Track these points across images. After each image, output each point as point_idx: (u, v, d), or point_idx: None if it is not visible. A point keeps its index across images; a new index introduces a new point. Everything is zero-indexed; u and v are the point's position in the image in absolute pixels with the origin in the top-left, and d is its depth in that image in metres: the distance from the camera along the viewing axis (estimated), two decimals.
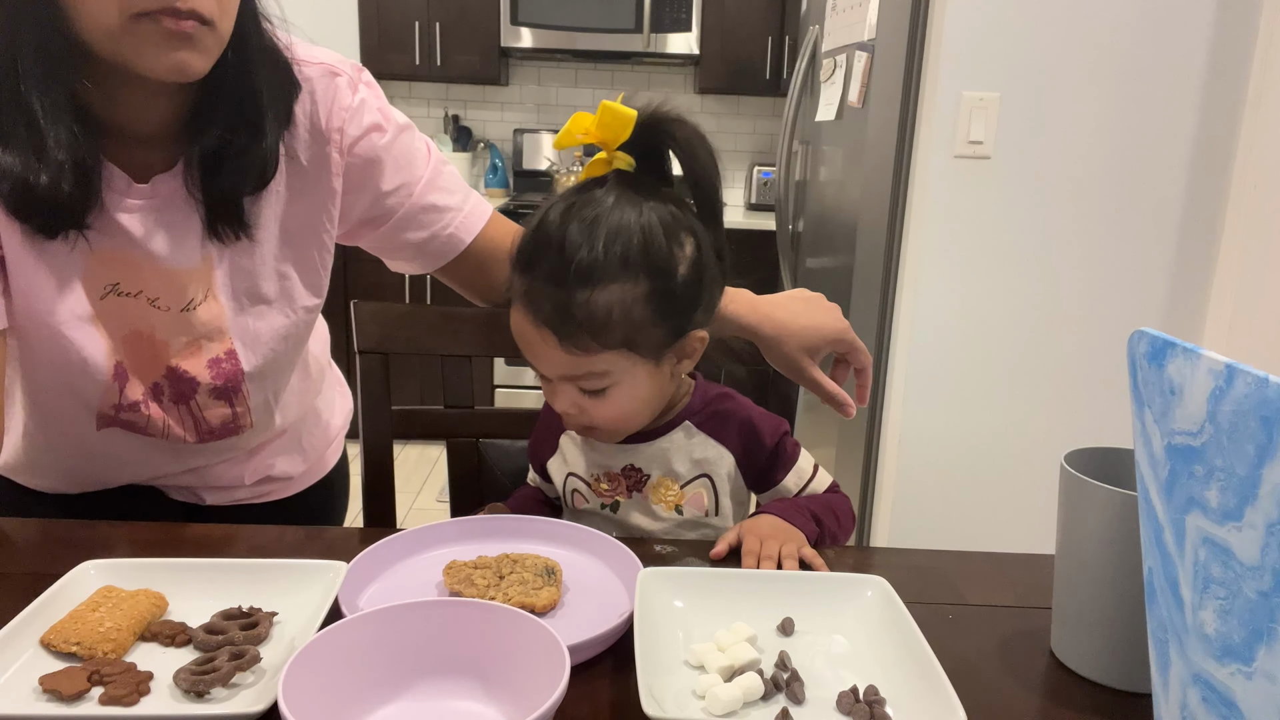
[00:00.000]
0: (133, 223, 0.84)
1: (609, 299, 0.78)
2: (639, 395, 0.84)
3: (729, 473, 0.92)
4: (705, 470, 0.91)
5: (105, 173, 0.82)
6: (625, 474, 0.91)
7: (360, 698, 0.58)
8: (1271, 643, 0.39)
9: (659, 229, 0.79)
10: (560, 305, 0.78)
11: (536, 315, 0.79)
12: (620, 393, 0.83)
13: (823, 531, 0.87)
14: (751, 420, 0.92)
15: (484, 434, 1.12)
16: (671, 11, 3.70)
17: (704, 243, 0.83)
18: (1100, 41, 1.83)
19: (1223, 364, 0.40)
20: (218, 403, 0.94)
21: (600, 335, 0.78)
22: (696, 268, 0.82)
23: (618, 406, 0.84)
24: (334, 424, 1.16)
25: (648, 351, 0.82)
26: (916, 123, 1.93)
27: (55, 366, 0.87)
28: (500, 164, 4.17)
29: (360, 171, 0.93)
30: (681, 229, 0.82)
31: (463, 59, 3.80)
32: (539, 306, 0.79)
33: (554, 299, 0.78)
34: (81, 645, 0.63)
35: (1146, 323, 1.91)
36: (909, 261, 1.97)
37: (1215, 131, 1.88)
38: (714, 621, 0.70)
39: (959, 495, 2.06)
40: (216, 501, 1.05)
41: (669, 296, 0.80)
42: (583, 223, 0.78)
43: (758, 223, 3.67)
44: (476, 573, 0.74)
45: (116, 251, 0.85)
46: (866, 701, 0.60)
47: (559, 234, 0.78)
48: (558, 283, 0.78)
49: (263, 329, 0.93)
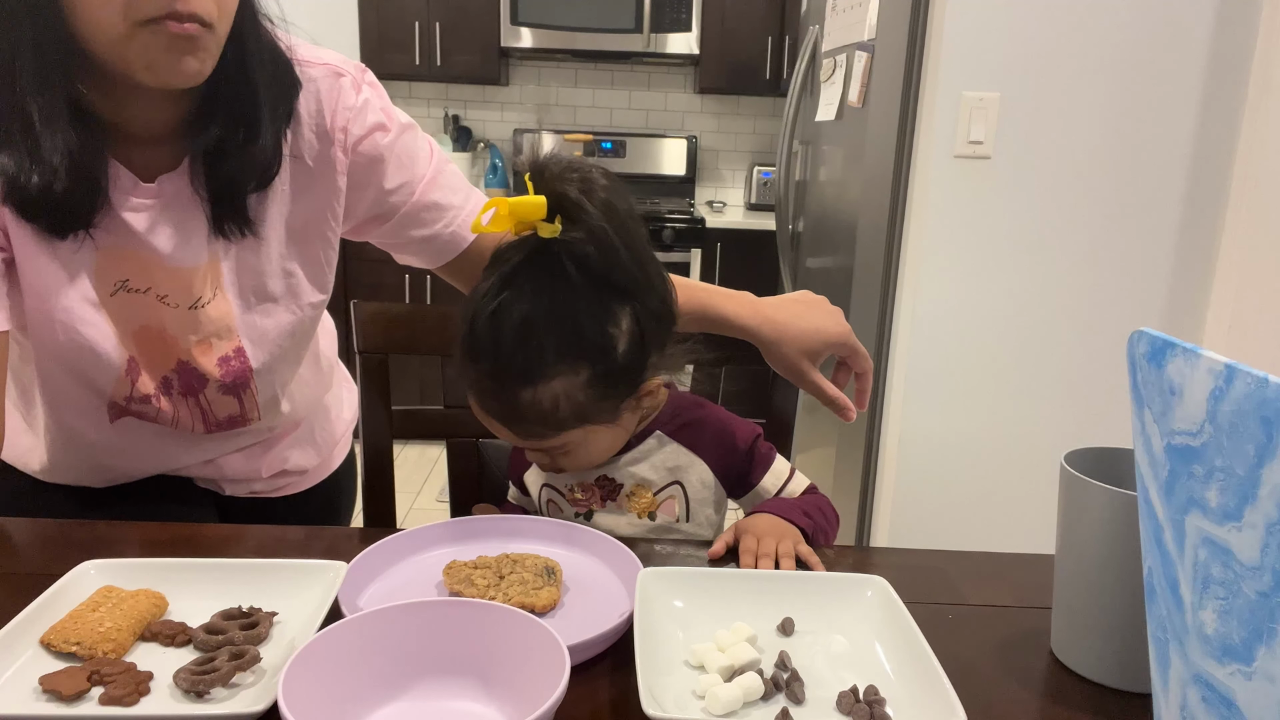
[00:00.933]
0: (140, 221, 0.85)
1: (553, 393, 0.79)
2: (603, 446, 0.89)
3: (701, 480, 0.93)
4: (677, 478, 0.93)
5: (112, 172, 0.83)
6: (599, 484, 0.93)
7: (360, 698, 0.58)
8: (1271, 643, 0.39)
9: (588, 314, 0.79)
10: (508, 405, 0.80)
11: (488, 409, 0.83)
12: (584, 449, 0.87)
13: (815, 528, 0.88)
14: (724, 426, 0.94)
15: (484, 434, 1.12)
16: (671, 11, 3.70)
17: (640, 303, 0.81)
18: (1100, 41, 1.83)
19: (1223, 364, 0.40)
20: (226, 397, 0.95)
21: (551, 424, 0.81)
22: (635, 335, 0.81)
23: (584, 458, 0.88)
24: (344, 419, 1.18)
25: (604, 418, 0.84)
26: (916, 123, 1.93)
27: (69, 362, 0.89)
28: (500, 164, 4.17)
29: (364, 170, 0.94)
30: (614, 300, 0.80)
31: (463, 59, 3.80)
32: (487, 403, 0.82)
33: (500, 398, 0.81)
34: (81, 645, 0.63)
35: (1146, 323, 1.91)
36: (909, 261, 1.97)
37: (1215, 131, 1.88)
38: (714, 621, 0.70)
39: (959, 495, 2.06)
40: (235, 493, 1.07)
41: (612, 374, 0.81)
42: (512, 322, 0.78)
43: (758, 223, 3.67)
44: (476, 573, 0.74)
45: (125, 249, 0.86)
46: (866, 701, 0.60)
47: (492, 337, 0.79)
48: (501, 383, 0.80)
49: (270, 326, 0.94)
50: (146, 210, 0.85)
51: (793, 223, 2.83)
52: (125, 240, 0.85)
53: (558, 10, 3.70)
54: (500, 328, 0.78)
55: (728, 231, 3.67)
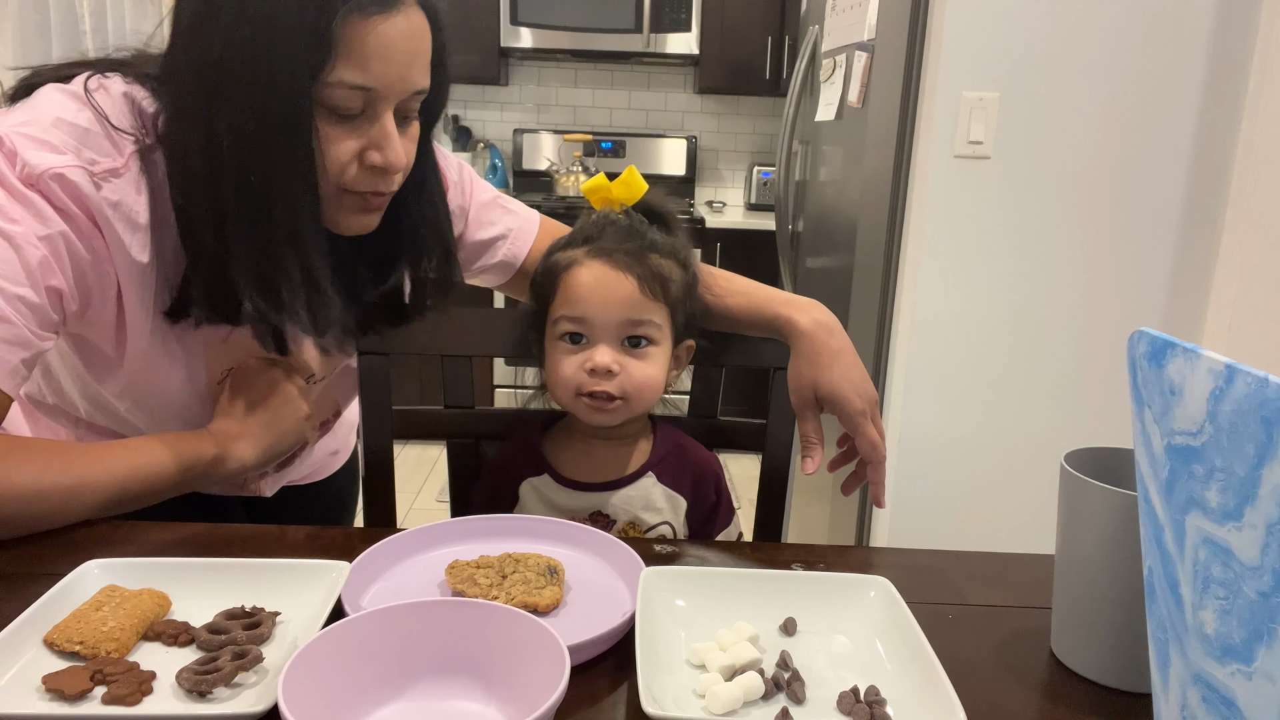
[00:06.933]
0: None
1: (668, 266, 0.93)
2: (662, 367, 0.94)
3: (684, 517, 0.98)
4: (667, 518, 0.96)
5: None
6: (593, 520, 0.94)
7: (360, 698, 0.58)
8: (1271, 643, 0.40)
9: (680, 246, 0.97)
10: (638, 257, 0.91)
11: (617, 264, 0.90)
12: (655, 354, 0.92)
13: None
14: (698, 467, 0.99)
15: (484, 434, 1.12)
16: (671, 11, 3.70)
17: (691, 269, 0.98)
18: (1100, 41, 1.83)
19: (1223, 364, 0.41)
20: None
21: (664, 286, 0.92)
22: (693, 281, 0.98)
23: (649, 368, 0.92)
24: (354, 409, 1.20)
25: (675, 327, 0.94)
26: (916, 123, 1.93)
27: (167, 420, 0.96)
28: (500, 164, 4.17)
29: None
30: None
31: (462, 59, 3.76)
32: (617, 259, 0.91)
33: (631, 253, 0.91)
34: (84, 645, 0.63)
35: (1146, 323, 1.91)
36: (909, 261, 1.97)
37: (1215, 131, 1.88)
38: (716, 621, 0.70)
39: (959, 495, 2.06)
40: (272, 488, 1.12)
41: (690, 288, 0.96)
42: (642, 218, 0.96)
43: (758, 223, 3.67)
44: (479, 572, 0.74)
45: (242, 340, 0.92)
46: (867, 702, 0.60)
47: (624, 219, 0.95)
48: (636, 242, 0.92)
49: (347, 378, 1.10)
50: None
51: (793, 223, 2.83)
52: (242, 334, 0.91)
53: (558, 10, 3.70)
54: (630, 216, 0.96)
55: (728, 231, 3.67)
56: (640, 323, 0.90)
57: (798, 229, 2.79)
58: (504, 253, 1.09)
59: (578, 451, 0.98)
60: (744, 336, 1.04)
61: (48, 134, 0.78)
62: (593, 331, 0.91)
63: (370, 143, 0.81)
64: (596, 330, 0.90)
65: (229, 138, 0.76)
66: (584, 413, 0.93)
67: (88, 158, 0.79)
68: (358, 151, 0.81)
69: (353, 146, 0.81)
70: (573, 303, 0.91)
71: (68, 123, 0.79)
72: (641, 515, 0.96)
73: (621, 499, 0.95)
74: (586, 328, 0.91)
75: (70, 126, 0.79)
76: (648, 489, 0.96)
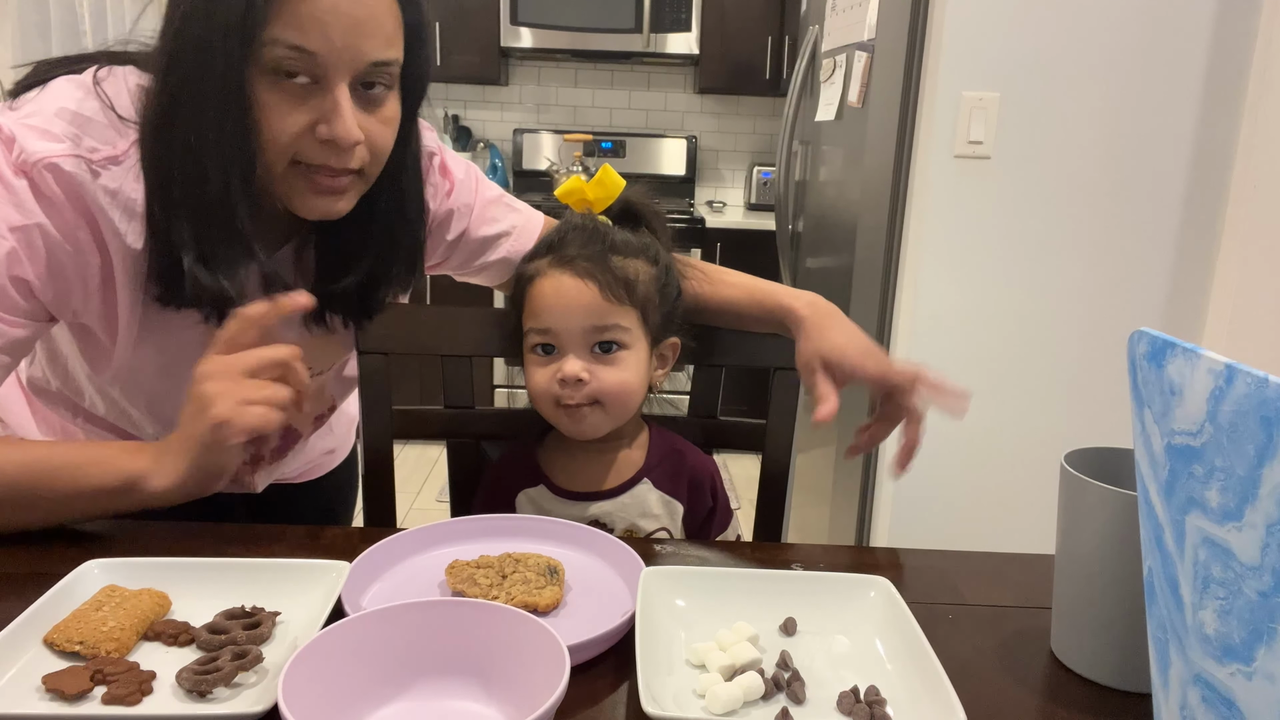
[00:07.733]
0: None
1: (633, 266, 0.92)
2: (638, 370, 0.92)
3: (681, 522, 0.97)
4: (664, 524, 0.96)
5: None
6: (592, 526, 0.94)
7: (360, 698, 0.58)
8: (1271, 643, 0.40)
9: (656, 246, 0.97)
10: (599, 262, 0.90)
11: (577, 272, 0.90)
12: (627, 358, 0.91)
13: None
14: (694, 471, 0.99)
15: (484, 434, 1.12)
16: (671, 11, 3.70)
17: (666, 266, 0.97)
18: (1100, 41, 1.83)
19: (1223, 364, 0.41)
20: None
21: (629, 290, 0.90)
22: (671, 278, 0.97)
23: (622, 372, 0.91)
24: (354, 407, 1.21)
25: (650, 327, 0.93)
26: (916, 123, 1.93)
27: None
28: (500, 164, 4.17)
29: (437, 229, 1.05)
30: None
31: (462, 59, 3.80)
32: (579, 267, 0.90)
33: (593, 259, 0.91)
34: (84, 644, 0.63)
35: (1146, 323, 1.91)
36: (909, 261, 1.97)
37: (1215, 131, 1.88)
38: (716, 621, 0.70)
39: (959, 495, 2.06)
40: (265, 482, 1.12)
41: (666, 286, 0.95)
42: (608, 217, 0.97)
43: (758, 223, 3.67)
44: (479, 572, 0.74)
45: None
46: (867, 702, 0.60)
47: (589, 223, 0.95)
48: (595, 246, 0.92)
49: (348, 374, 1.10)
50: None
51: (793, 223, 2.83)
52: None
53: (557, 10, 3.70)
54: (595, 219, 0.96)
55: (728, 231, 3.67)
56: (606, 328, 0.89)
57: (798, 229, 2.79)
58: (505, 249, 1.08)
59: (572, 460, 0.98)
60: (743, 335, 1.04)
61: (49, 123, 0.79)
62: (560, 342, 0.90)
63: (321, 116, 0.79)
64: (564, 340, 0.90)
65: (177, 99, 0.77)
66: (565, 426, 0.93)
67: (87, 145, 0.80)
68: (309, 124, 0.79)
69: (303, 119, 0.79)
70: (538, 314, 0.91)
71: (71, 111, 0.80)
72: (638, 522, 0.95)
73: (617, 507, 0.95)
74: (554, 338, 0.90)
75: (73, 115, 0.80)
76: (643, 495, 0.96)
